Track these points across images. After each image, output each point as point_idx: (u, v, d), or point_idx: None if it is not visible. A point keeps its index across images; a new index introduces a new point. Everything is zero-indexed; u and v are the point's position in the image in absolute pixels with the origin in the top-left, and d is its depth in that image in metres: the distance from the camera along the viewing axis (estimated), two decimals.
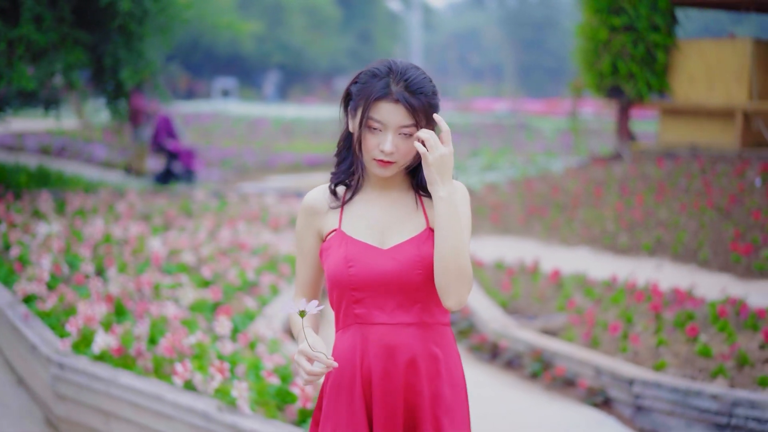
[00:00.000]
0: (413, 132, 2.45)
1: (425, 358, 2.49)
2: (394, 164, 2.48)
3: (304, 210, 2.63)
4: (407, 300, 2.49)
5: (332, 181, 2.63)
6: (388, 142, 2.44)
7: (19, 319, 5.80)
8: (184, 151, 14.73)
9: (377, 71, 2.47)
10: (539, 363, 6.02)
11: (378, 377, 2.48)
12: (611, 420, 5.30)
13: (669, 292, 6.93)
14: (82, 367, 4.96)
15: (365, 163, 2.53)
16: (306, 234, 2.63)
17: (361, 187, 2.61)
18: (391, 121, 2.44)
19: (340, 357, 2.53)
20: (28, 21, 9.19)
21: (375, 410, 2.49)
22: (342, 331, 2.56)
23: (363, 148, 2.50)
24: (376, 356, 2.49)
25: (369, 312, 2.50)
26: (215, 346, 5.03)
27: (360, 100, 2.48)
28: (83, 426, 5.02)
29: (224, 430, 4.23)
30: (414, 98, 2.43)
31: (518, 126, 26.98)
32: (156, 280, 6.48)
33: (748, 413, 4.77)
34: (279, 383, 4.45)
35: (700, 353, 5.51)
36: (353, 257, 2.48)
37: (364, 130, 2.48)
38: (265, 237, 8.57)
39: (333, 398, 2.54)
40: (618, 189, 11.40)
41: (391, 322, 2.49)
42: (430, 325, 2.52)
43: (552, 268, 8.16)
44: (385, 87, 2.44)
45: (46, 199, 9.73)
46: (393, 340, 2.48)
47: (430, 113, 2.47)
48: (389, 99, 2.43)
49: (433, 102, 2.47)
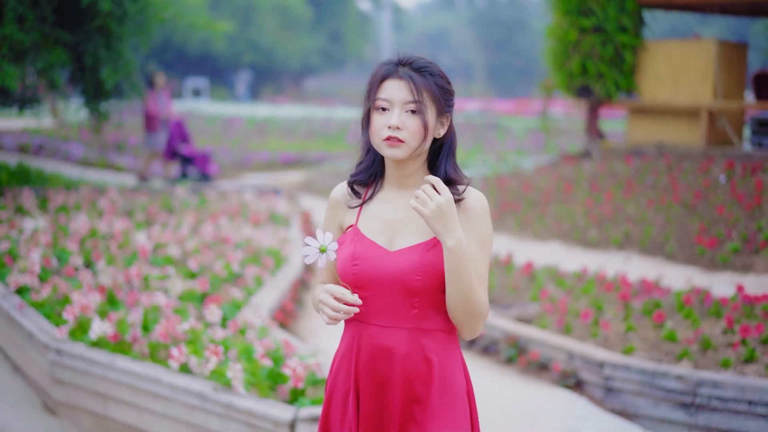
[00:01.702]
0: (419, 109, 2.48)
1: (416, 363, 2.51)
2: (404, 144, 2.50)
3: (330, 204, 2.69)
4: (404, 304, 2.52)
5: (351, 180, 2.67)
6: (395, 117, 2.47)
7: (14, 309, 6.01)
8: (199, 156, 14.86)
9: (386, 60, 2.56)
10: (514, 348, 6.32)
11: (365, 376, 2.55)
12: (583, 401, 5.60)
13: (637, 283, 7.25)
14: (79, 353, 5.18)
15: (377, 147, 2.55)
16: (331, 226, 2.69)
17: (382, 186, 2.64)
18: (395, 97, 2.48)
19: (345, 350, 2.62)
20: (11, 21, 9.34)
21: (361, 407, 2.56)
22: (346, 326, 2.63)
23: (372, 130, 2.54)
24: (366, 355, 2.54)
25: (368, 311, 2.54)
26: (207, 332, 5.27)
27: (369, 86, 2.55)
28: (81, 409, 5.25)
29: (220, 409, 4.47)
30: (418, 75, 2.49)
31: (489, 125, 27.30)
32: (145, 272, 6.70)
33: (711, 392, 5.08)
34: (271, 365, 4.70)
35: (667, 338, 5.82)
36: (360, 255, 2.53)
37: (373, 114, 2.53)
38: (247, 232, 8.80)
39: (337, 396, 2.64)
40: (588, 186, 11.73)
41: (385, 325, 2.53)
42: (427, 331, 2.53)
43: (525, 261, 8.46)
44: (392, 68, 2.52)
45: (28, 196, 9.90)
46: (383, 342, 2.52)
47: (437, 94, 2.51)
48: (394, 77, 2.50)
49: (440, 84, 2.52)
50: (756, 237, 8.75)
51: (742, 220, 9.19)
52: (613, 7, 13.05)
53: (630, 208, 10.55)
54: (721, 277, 8.21)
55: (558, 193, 11.87)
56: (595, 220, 10.54)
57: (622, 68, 13.28)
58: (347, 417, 2.60)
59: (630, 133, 13.71)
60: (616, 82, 13.27)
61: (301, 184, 16.58)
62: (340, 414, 2.62)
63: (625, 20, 13.09)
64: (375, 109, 2.52)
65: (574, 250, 9.99)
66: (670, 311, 6.40)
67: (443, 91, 2.53)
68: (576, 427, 5.20)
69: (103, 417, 5.13)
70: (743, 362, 5.36)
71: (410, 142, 2.49)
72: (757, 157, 11.18)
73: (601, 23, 13.12)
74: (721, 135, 12.70)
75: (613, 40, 13.15)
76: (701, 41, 12.96)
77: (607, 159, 12.90)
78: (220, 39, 42.44)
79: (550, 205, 11.52)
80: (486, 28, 64.44)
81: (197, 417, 4.60)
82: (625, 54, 13.18)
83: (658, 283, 7.18)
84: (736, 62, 13.01)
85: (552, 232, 10.70)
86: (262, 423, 4.29)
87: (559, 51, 13.51)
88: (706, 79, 12.61)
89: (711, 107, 12.41)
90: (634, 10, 13.18)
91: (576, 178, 12.26)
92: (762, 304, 6.14)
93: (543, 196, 11.92)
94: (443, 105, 2.53)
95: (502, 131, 25.96)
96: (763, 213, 9.21)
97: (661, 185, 10.96)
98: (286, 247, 8.60)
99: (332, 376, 2.67)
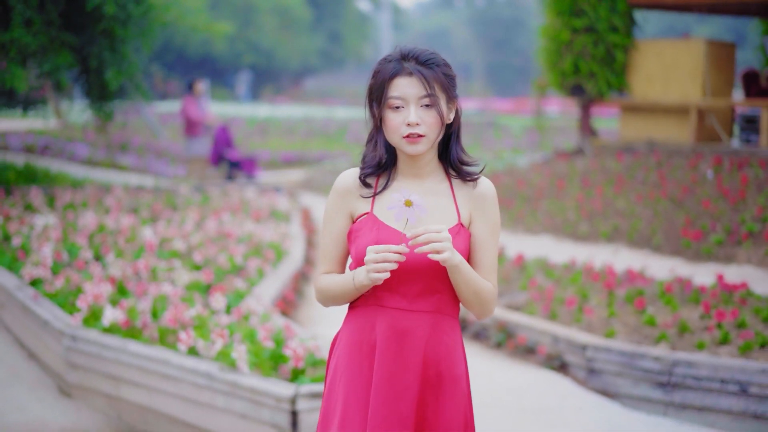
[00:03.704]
0: (434, 102, 2.54)
1: (435, 346, 2.60)
2: (424, 138, 2.55)
3: (337, 191, 2.68)
4: (429, 289, 2.58)
5: (362, 174, 2.67)
6: (412, 114, 2.52)
7: (29, 299, 6.36)
8: (245, 160, 15.12)
9: (388, 56, 2.59)
10: (503, 333, 6.66)
11: (382, 359, 2.59)
12: (567, 381, 5.95)
13: (623, 273, 7.58)
14: (93, 338, 5.52)
15: (396, 145, 2.60)
16: (337, 215, 2.68)
17: (395, 177, 2.67)
18: (410, 94, 2.53)
19: (354, 332, 2.66)
20: (18, 25, 9.65)
21: (375, 390, 2.59)
22: (358, 308, 2.66)
23: (389, 129, 2.57)
24: (384, 338, 2.59)
25: (389, 295, 2.59)
26: (213, 319, 5.61)
27: (377, 86, 2.57)
28: (95, 391, 5.59)
29: (226, 388, 4.81)
30: (427, 69, 2.54)
31: (486, 124, 27.62)
32: (152, 265, 7.04)
33: (686, 372, 5.41)
34: (273, 347, 5.04)
35: (647, 323, 6.16)
36: (384, 242, 2.55)
37: (386, 113, 2.57)
38: (249, 227, 9.13)
39: (344, 380, 2.67)
40: (579, 181, 12.06)
41: (408, 308, 2.59)
42: (445, 315, 2.62)
43: (516, 253, 8.79)
44: (398, 64, 2.56)
45: (36, 195, 10.23)
46: (406, 325, 2.58)
47: (446, 83, 2.58)
48: (404, 73, 2.54)
49: (446, 72, 2.58)
50: (739, 229, 9.08)
51: (727, 213, 9.53)
52: (604, 8, 13.38)
53: (620, 202, 10.88)
54: (705, 267, 8.55)
55: (551, 189, 12.20)
56: (586, 214, 10.87)
57: (613, 67, 13.60)
58: (356, 401, 2.63)
59: (622, 131, 14.04)
60: (607, 80, 13.59)
61: (302, 183, 16.91)
62: (350, 399, 2.64)
63: (616, 20, 13.42)
64: (389, 108, 2.57)
65: (565, 243, 10.32)
66: (652, 299, 6.73)
67: (450, 79, 2.60)
68: (559, 405, 5.53)
69: (116, 398, 5.47)
70: (718, 344, 5.70)
71: (430, 135, 2.56)
72: (744, 153, 11.51)
73: (593, 23, 13.44)
74: (710, 132, 13.04)
75: (604, 39, 13.47)
76: (690, 41, 13.29)
77: (599, 156, 13.23)
78: (220, 40, 42.74)
79: (543, 201, 11.86)
80: (485, 27, 64.73)
81: (204, 395, 4.93)
82: (616, 53, 13.50)
83: (643, 273, 7.51)
84: (725, 61, 13.34)
85: (544, 226, 11.03)
86: (265, 399, 4.62)
87: (552, 50, 13.83)
88: (695, 77, 12.94)
89: (700, 105, 12.74)
90: (624, 11, 13.50)
91: (569, 174, 12.59)
92: (740, 291, 6.49)
93: (536, 192, 12.25)
94: (452, 92, 2.60)
95: (499, 130, 26.30)
96: (747, 206, 9.54)
97: (650, 181, 11.29)
98: (287, 241, 8.93)
99: (335, 359, 2.72)
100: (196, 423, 5.01)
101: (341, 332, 2.72)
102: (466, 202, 2.65)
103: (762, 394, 5.12)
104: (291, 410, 4.53)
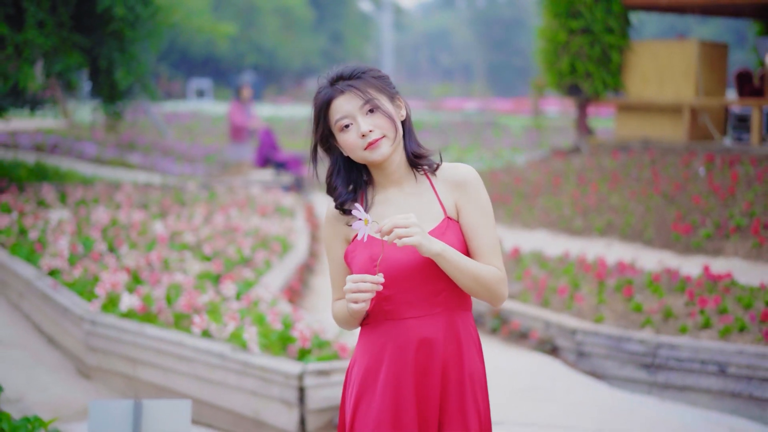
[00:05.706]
0: (375, 105, 2.58)
1: (451, 347, 2.61)
2: (384, 139, 2.58)
3: (328, 220, 2.72)
4: (433, 290, 2.58)
5: (337, 205, 2.68)
6: (362, 124, 2.56)
7: (48, 288, 6.71)
8: (291, 160, 15.40)
9: (319, 87, 2.66)
10: (498, 320, 7.03)
11: (404, 371, 2.59)
12: (557, 363, 6.31)
13: (614, 264, 7.92)
14: (111, 323, 5.88)
15: (362, 160, 2.62)
16: (333, 243, 2.72)
17: (374, 192, 2.70)
18: (351, 109, 2.58)
19: (370, 351, 2.64)
20: (31, 26, 9.98)
21: (401, 402, 2.59)
22: (370, 326, 2.66)
23: (349, 148, 2.61)
24: (403, 350, 2.59)
25: (398, 308, 2.59)
26: (224, 305, 5.97)
27: (321, 117, 2.64)
28: (113, 372, 5.94)
29: (237, 367, 5.16)
30: (356, 80, 2.59)
31: (486, 124, 27.95)
32: (164, 256, 7.40)
33: (669, 354, 5.77)
34: (281, 329, 5.39)
35: (634, 309, 6.51)
36: (378, 255, 2.55)
37: (339, 136, 2.61)
38: (255, 221, 9.47)
39: (367, 397, 2.65)
40: (575, 179, 12.40)
41: (419, 315, 2.58)
42: (455, 310, 2.62)
43: (513, 246, 9.13)
44: (329, 89, 2.62)
45: (48, 191, 10.58)
46: (423, 332, 2.58)
47: (379, 84, 2.62)
48: (337, 94, 2.60)
49: (374, 75, 2.62)
50: (727, 224, 9.42)
51: (717, 208, 9.87)
52: (600, 10, 13.72)
53: (614, 198, 11.22)
54: (693, 260, 8.88)
55: (547, 186, 12.54)
56: (581, 210, 11.21)
57: (609, 68, 13.93)
58: (381, 415, 2.60)
59: (618, 130, 14.37)
60: (603, 80, 13.93)
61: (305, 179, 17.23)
62: (373, 413, 2.62)
63: (612, 22, 13.75)
64: (340, 132, 2.61)
65: (560, 237, 10.67)
66: (640, 288, 7.08)
67: (381, 79, 2.63)
68: (551, 386, 5.88)
69: (133, 378, 5.83)
70: (700, 329, 6.05)
71: (389, 134, 2.59)
72: (735, 151, 11.85)
73: (589, 25, 13.78)
74: (703, 130, 13.38)
75: (600, 40, 13.81)
76: (684, 42, 13.63)
77: (595, 154, 13.57)
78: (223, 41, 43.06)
79: (540, 197, 12.20)
80: (485, 27, 65.03)
81: (217, 375, 5.29)
82: (612, 54, 13.83)
83: (633, 265, 7.85)
84: (718, 61, 13.68)
85: (540, 221, 11.38)
86: (275, 377, 4.97)
87: (549, 51, 14.17)
88: (689, 77, 13.28)
89: (693, 104, 13.07)
90: (620, 12, 13.83)
91: (565, 171, 12.93)
92: (724, 281, 6.83)
93: (533, 189, 12.59)
94: (389, 90, 2.63)
95: (499, 129, 26.63)
96: (736, 202, 9.88)
97: (644, 178, 11.63)
98: (292, 235, 9.29)
99: (353, 388, 2.69)
100: (209, 400, 5.36)
101: (355, 358, 2.71)
102: (449, 194, 2.65)
103: (739, 374, 5.46)
104: (299, 386, 4.88)
